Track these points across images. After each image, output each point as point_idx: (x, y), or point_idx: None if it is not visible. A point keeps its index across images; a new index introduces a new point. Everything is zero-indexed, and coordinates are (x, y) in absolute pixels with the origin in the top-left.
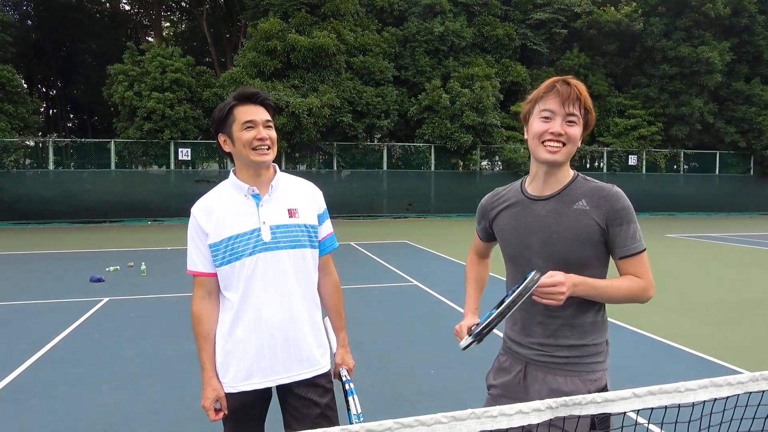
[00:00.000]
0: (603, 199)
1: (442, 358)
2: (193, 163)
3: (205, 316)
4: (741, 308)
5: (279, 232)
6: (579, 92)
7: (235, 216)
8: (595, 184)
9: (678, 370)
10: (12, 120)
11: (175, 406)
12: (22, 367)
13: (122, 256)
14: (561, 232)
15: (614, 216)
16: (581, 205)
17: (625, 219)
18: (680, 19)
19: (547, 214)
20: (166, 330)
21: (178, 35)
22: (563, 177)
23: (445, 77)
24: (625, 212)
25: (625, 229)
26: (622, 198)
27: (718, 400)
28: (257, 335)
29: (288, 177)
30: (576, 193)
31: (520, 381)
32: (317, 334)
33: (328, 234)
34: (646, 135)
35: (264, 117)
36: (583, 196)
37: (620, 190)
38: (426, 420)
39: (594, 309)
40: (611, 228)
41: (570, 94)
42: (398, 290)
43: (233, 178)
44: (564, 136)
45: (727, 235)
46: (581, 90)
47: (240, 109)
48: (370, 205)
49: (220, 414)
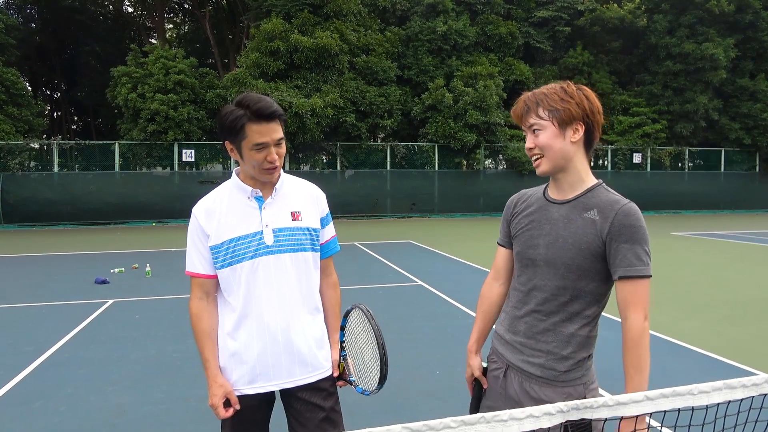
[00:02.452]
0: (613, 211)
1: (448, 358)
2: (197, 164)
3: (204, 314)
4: (747, 306)
5: (282, 235)
6: (530, 103)
7: (237, 218)
8: (613, 196)
9: (684, 369)
10: (16, 122)
11: (180, 407)
12: (28, 369)
13: (127, 258)
14: (566, 237)
15: (619, 231)
16: (592, 214)
17: (631, 237)
18: (684, 15)
19: (559, 217)
20: (171, 331)
21: (182, 37)
22: (576, 183)
23: (448, 76)
24: (633, 230)
25: (628, 247)
26: (634, 216)
27: (732, 402)
28: (260, 339)
29: (291, 179)
30: (591, 202)
31: (500, 377)
32: (320, 337)
33: (331, 237)
34: (650, 132)
35: (276, 136)
36: (596, 206)
37: (635, 208)
38: (435, 425)
39: (581, 322)
40: (612, 243)
41: (516, 109)
42: (402, 290)
43: (236, 179)
44: (536, 148)
45: (732, 232)
46: (538, 96)
47: (253, 128)
48: (373, 204)
49: (230, 410)
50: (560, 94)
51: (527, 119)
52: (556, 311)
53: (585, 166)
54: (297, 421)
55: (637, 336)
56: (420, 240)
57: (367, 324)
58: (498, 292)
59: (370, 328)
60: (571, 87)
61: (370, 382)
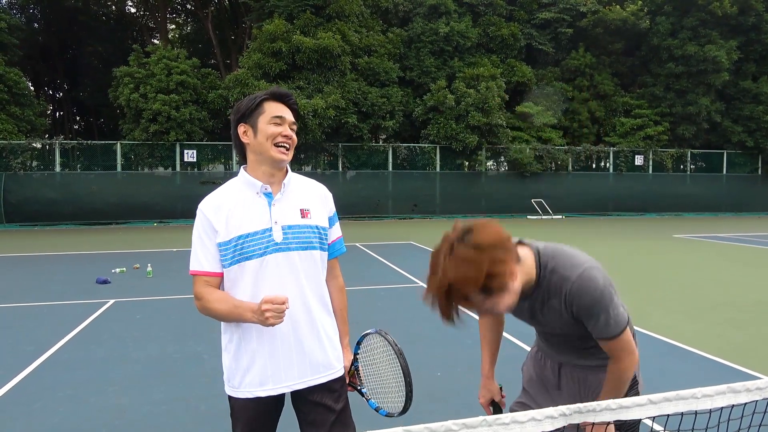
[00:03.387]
0: (563, 296)
1: (449, 360)
2: (198, 164)
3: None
4: (750, 309)
5: (291, 232)
6: (447, 300)
7: (246, 214)
8: (558, 276)
9: (686, 372)
10: (19, 122)
11: (181, 408)
12: (28, 369)
13: (128, 258)
14: (552, 323)
15: (578, 313)
16: (555, 303)
17: (590, 314)
18: (687, 17)
19: (530, 308)
20: (172, 332)
21: (184, 37)
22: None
23: (450, 78)
24: (589, 308)
25: (594, 321)
26: (586, 292)
27: (735, 406)
28: (270, 340)
29: (299, 177)
30: (544, 293)
31: (555, 373)
32: (331, 337)
33: (337, 237)
34: (652, 135)
35: (291, 118)
36: (551, 295)
37: (583, 280)
38: (436, 428)
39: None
40: (584, 320)
41: (442, 312)
42: (404, 291)
43: (245, 174)
44: (495, 313)
45: (734, 235)
46: (452, 291)
47: (271, 104)
48: (375, 206)
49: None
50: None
51: (472, 306)
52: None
53: (527, 266)
54: (308, 423)
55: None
56: (421, 241)
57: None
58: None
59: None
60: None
61: (389, 406)
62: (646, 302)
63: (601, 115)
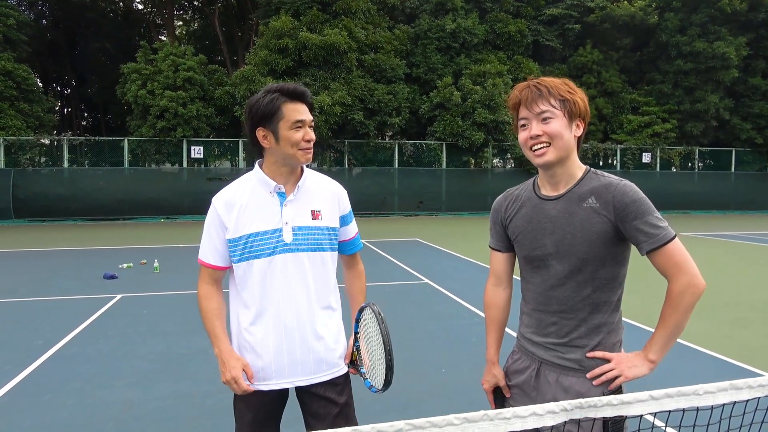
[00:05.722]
0: (611, 195)
1: (454, 357)
2: (205, 161)
3: (213, 295)
4: (758, 308)
5: (301, 234)
6: (542, 88)
7: (258, 213)
8: (605, 179)
9: (692, 371)
10: (27, 118)
11: (187, 403)
12: (36, 364)
13: (135, 254)
14: (574, 232)
15: (624, 212)
16: (591, 202)
17: (637, 213)
18: (696, 13)
19: (558, 213)
20: (179, 327)
21: (191, 34)
22: (570, 174)
23: (457, 74)
24: (635, 205)
25: (639, 223)
26: (630, 191)
27: (737, 403)
28: (275, 336)
29: (315, 175)
30: (585, 190)
31: (532, 378)
32: (336, 336)
33: (355, 234)
34: (660, 132)
35: (309, 117)
36: (592, 193)
37: (629, 184)
38: (438, 422)
39: (608, 309)
40: (624, 224)
41: (529, 96)
42: (409, 288)
43: (260, 172)
44: (544, 136)
45: (742, 233)
46: (548, 84)
47: (289, 107)
48: (381, 202)
49: (250, 386)
50: (567, 87)
51: (537, 105)
52: (582, 306)
53: (578, 162)
54: (312, 415)
55: (675, 299)
56: (427, 238)
57: (377, 326)
58: (503, 297)
59: (379, 332)
60: (572, 83)
61: (376, 381)
62: (652, 301)
63: (609, 112)
